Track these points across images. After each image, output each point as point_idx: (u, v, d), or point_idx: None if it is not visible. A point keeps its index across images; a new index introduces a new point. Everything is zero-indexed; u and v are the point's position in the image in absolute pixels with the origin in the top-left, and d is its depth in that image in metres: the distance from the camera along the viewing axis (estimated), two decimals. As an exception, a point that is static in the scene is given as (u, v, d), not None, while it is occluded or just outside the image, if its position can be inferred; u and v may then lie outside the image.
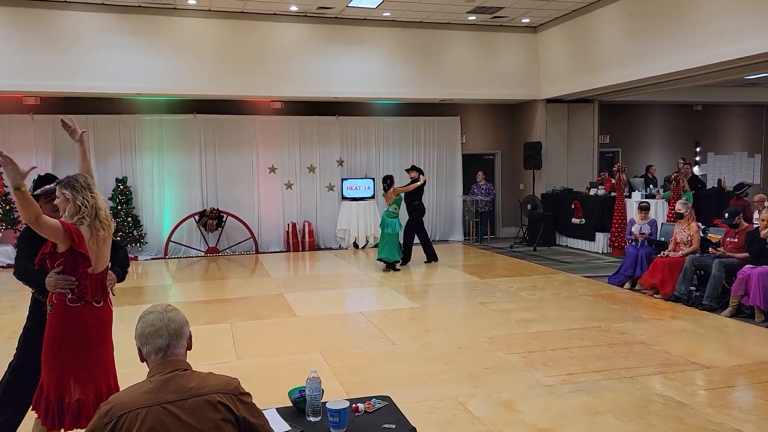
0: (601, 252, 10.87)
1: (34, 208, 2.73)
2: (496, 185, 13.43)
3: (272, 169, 11.99)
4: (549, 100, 12.38)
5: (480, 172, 12.80)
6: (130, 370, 4.89)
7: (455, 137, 13.06)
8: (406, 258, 10.04)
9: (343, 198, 12.22)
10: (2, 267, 10.05)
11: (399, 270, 9.51)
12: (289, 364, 5.07)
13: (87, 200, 2.97)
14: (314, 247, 12.14)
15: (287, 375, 4.74)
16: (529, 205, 12.00)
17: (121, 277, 3.33)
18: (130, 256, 11.00)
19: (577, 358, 5.01)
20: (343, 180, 12.25)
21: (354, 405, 2.40)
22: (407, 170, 10.38)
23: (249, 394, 1.97)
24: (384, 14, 10.94)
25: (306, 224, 12.17)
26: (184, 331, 2.00)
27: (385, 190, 9.78)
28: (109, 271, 3.14)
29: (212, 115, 11.54)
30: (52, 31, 9.72)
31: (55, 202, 3.06)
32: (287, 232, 12.07)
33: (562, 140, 12.61)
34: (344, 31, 11.19)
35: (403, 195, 9.90)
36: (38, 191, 3.24)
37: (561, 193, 12.06)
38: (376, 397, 2.55)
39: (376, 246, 12.21)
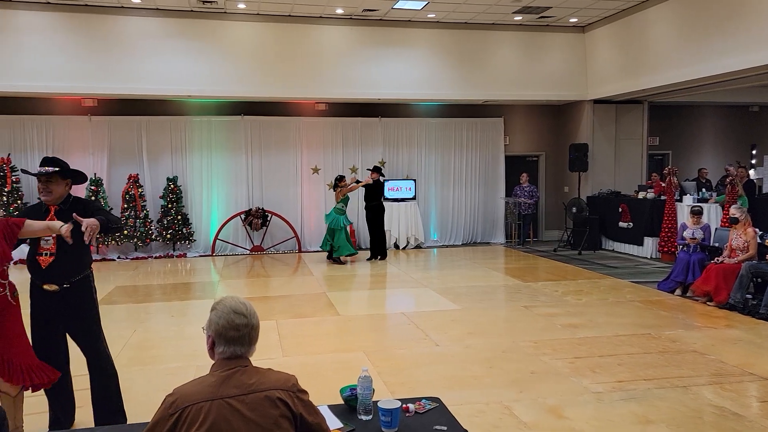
0: (649, 257, 10.60)
1: None
2: (539, 187, 13.25)
3: (315, 170, 12.13)
4: (596, 101, 12.14)
5: (524, 174, 12.65)
6: (180, 364, 5.07)
7: (498, 139, 12.94)
8: (381, 253, 10.75)
9: (385, 199, 12.24)
10: None
11: (344, 263, 10.32)
12: (333, 362, 5.13)
13: None
14: (355, 246, 12.20)
15: (332, 373, 4.80)
16: (574, 208, 11.80)
17: (104, 226, 3.30)
18: (179, 253, 11.35)
19: (626, 366, 4.91)
20: (384, 181, 12.28)
21: (404, 405, 2.41)
22: (369, 169, 10.88)
23: (306, 392, 2.00)
24: (429, 15, 10.93)
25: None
26: (258, 336, 2.04)
27: (335, 188, 10.56)
28: (91, 219, 3.20)
29: (258, 116, 11.76)
30: (109, 35, 10.08)
31: None
32: (331, 231, 12.17)
33: (609, 142, 12.35)
34: (388, 33, 11.24)
35: (349, 195, 10.52)
36: (36, 170, 3.49)
37: (608, 196, 11.81)
38: (426, 399, 2.56)
39: (417, 247, 12.27)
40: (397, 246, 12.22)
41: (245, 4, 10.10)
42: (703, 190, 10.79)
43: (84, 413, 3.79)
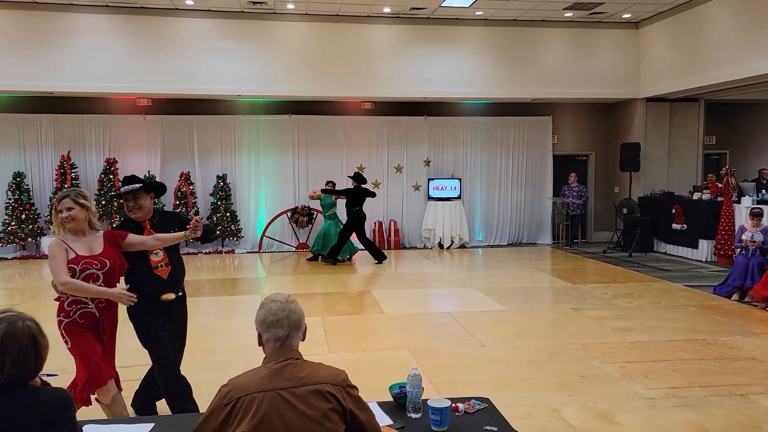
0: (704, 260, 10.22)
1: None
2: (589, 187, 12.95)
3: (361, 169, 12.18)
4: (650, 99, 11.78)
5: (572, 174, 12.39)
6: (229, 357, 5.18)
7: (546, 138, 12.72)
8: (336, 252, 10.32)
9: (429, 198, 12.23)
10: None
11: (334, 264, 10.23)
12: (378, 359, 5.14)
13: None
14: (399, 246, 12.24)
15: (377, 370, 4.82)
16: (624, 209, 11.48)
17: (205, 232, 3.65)
18: (228, 249, 11.61)
19: (680, 372, 4.75)
20: (429, 180, 12.25)
21: (454, 404, 2.40)
22: (349, 176, 10.58)
23: (356, 387, 2.02)
24: (476, 13, 10.83)
25: (392, 223, 12.29)
26: (302, 323, 2.08)
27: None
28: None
29: (305, 115, 11.90)
30: (163, 37, 10.39)
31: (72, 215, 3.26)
32: (373, 230, 12.22)
33: (662, 141, 11.97)
34: (435, 31, 11.19)
35: (333, 199, 10.49)
36: (122, 189, 3.56)
37: (661, 196, 11.45)
38: (476, 399, 2.54)
39: (462, 247, 12.20)
40: (441, 245, 12.17)
41: (294, 5, 10.24)
42: (764, 191, 10.32)
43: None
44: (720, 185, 10.01)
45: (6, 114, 10.97)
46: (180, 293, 3.74)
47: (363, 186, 10.25)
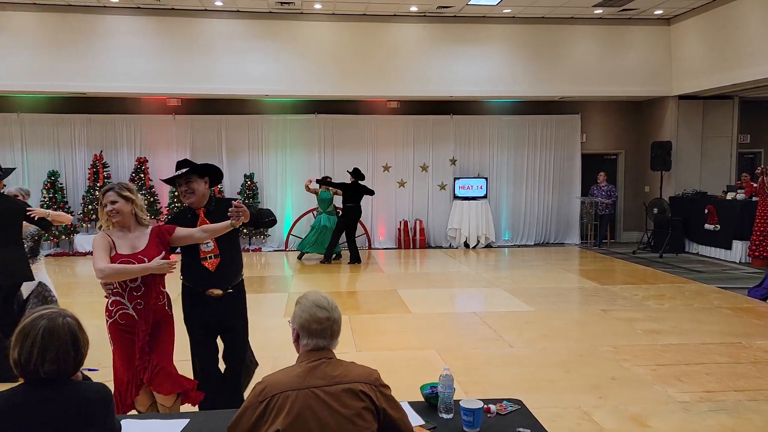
0: (738, 261, 9.98)
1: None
2: (618, 187, 12.75)
3: (386, 168, 12.20)
4: (681, 97, 11.55)
5: (601, 173, 12.21)
6: (257, 354, 5.21)
7: (575, 136, 12.56)
8: (330, 252, 10.28)
9: (455, 197, 12.18)
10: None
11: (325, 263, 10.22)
12: (405, 359, 5.14)
13: None
14: (425, 245, 12.22)
15: (404, 369, 4.81)
16: (655, 209, 11.27)
17: (254, 218, 3.45)
18: (255, 247, 11.72)
19: (714, 375, 4.65)
20: (455, 179, 12.20)
21: (486, 406, 2.38)
22: (348, 171, 10.46)
23: (389, 387, 2.02)
24: (504, 11, 10.75)
25: (417, 222, 12.27)
26: (340, 330, 2.09)
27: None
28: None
29: (332, 115, 11.95)
30: (193, 37, 10.53)
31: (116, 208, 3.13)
32: (399, 229, 12.23)
33: (695, 140, 11.73)
34: (462, 30, 11.13)
35: (331, 194, 10.46)
36: (178, 173, 3.43)
37: (693, 196, 11.21)
38: (508, 400, 2.52)
39: (487, 246, 12.12)
40: (467, 245, 12.11)
41: (321, 4, 10.28)
42: (801, 191, 10.03)
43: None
44: (755, 185, 9.76)
45: (41, 114, 11.25)
46: (230, 290, 3.48)
47: (360, 182, 10.24)
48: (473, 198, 12.06)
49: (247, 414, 1.92)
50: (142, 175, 11.19)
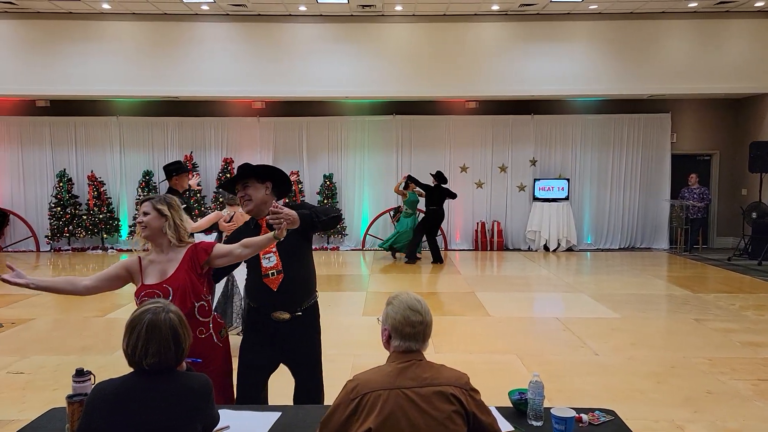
0: None
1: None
2: (711, 189, 12.03)
3: (464, 168, 12.11)
4: (785, 94, 10.75)
5: (693, 175, 11.55)
6: (337, 351, 5.32)
7: (664, 136, 11.96)
8: (413, 251, 10.34)
9: (535, 199, 11.90)
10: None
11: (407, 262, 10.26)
12: (485, 362, 5.08)
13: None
14: (502, 247, 12.03)
15: (485, 373, 4.76)
16: (754, 213, 10.54)
17: (306, 219, 2.85)
18: (332, 246, 11.96)
19: (825, 395, 4.30)
20: (535, 180, 11.93)
21: (577, 415, 2.32)
22: (432, 174, 10.40)
23: (478, 391, 2.01)
24: (590, 7, 10.40)
25: (495, 224, 12.09)
26: (431, 333, 2.10)
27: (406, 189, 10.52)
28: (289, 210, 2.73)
29: (409, 115, 12.00)
30: (277, 42, 10.88)
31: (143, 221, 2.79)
32: (476, 230, 12.10)
33: (800, 139, 10.88)
34: (545, 27, 10.86)
35: (411, 197, 10.40)
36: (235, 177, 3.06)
37: (796, 200, 10.40)
38: (600, 410, 2.44)
39: (569, 250, 11.77)
40: (546, 248, 11.81)
41: (402, 6, 10.34)
42: None
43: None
44: None
45: (137, 117, 11.99)
46: (299, 312, 2.94)
47: (443, 186, 10.19)
48: (554, 200, 11.75)
49: (339, 411, 1.96)
50: (228, 175, 11.68)
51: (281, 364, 3.07)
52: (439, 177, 10.22)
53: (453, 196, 10.31)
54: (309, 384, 3.06)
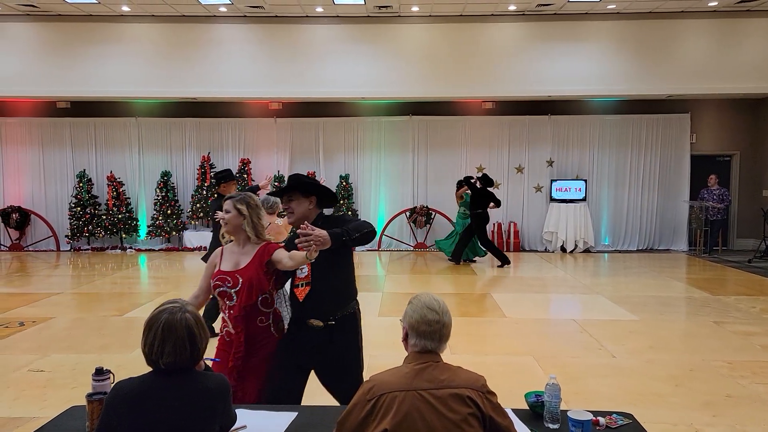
0: None
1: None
2: (731, 190, 11.86)
3: (480, 169, 12.06)
4: (808, 93, 10.57)
5: (712, 176, 11.40)
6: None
7: (683, 136, 11.82)
8: (459, 253, 10.28)
9: (552, 199, 11.83)
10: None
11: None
12: (501, 364, 5.06)
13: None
14: (519, 248, 11.96)
15: (500, 375, 4.73)
16: (775, 215, 10.38)
17: (337, 238, 2.77)
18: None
19: None
20: (552, 181, 11.85)
21: (594, 418, 2.30)
22: (477, 177, 10.35)
23: (495, 394, 2.00)
24: (608, 7, 10.31)
25: (511, 225, 12.04)
26: (450, 332, 2.10)
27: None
28: (320, 230, 2.69)
29: (426, 116, 11.99)
30: (294, 43, 10.93)
31: (225, 218, 3.00)
32: (492, 231, 12.04)
33: (824, 140, 10.69)
34: (562, 27, 10.79)
35: (467, 199, 10.24)
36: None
37: (820, 202, 10.22)
38: (618, 413, 2.42)
39: (586, 251, 11.67)
40: (563, 249, 11.72)
41: (419, 7, 10.33)
42: None
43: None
44: None
45: (156, 118, 12.12)
46: (331, 321, 2.95)
47: (488, 189, 10.09)
48: (571, 201, 11.66)
49: (356, 411, 1.97)
50: (245, 176, 11.76)
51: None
52: (485, 180, 10.15)
53: (497, 202, 10.06)
54: (338, 387, 3.03)
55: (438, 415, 1.89)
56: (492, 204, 10.02)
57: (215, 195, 5.88)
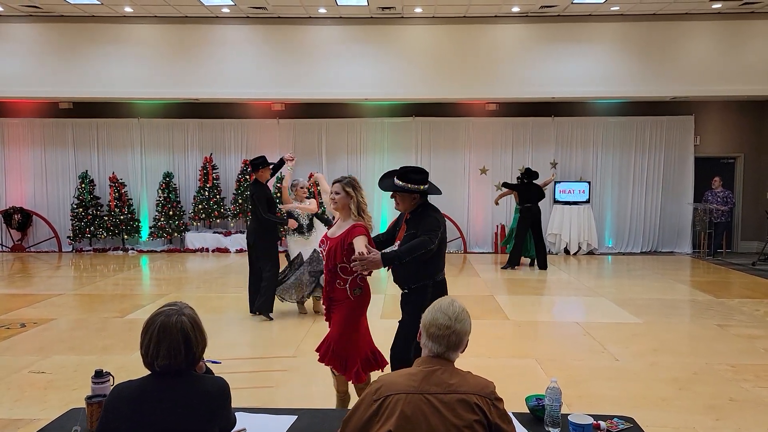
0: None
1: None
2: (736, 193, 11.83)
3: (483, 170, 12.05)
4: (812, 95, 10.51)
5: (716, 178, 11.36)
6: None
7: (687, 138, 11.78)
8: (515, 258, 10.09)
9: (555, 201, 11.79)
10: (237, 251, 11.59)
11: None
12: (504, 367, 5.03)
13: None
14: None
15: (503, 378, 4.68)
16: (780, 218, 10.34)
17: (388, 259, 3.38)
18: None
19: None
20: (555, 183, 11.81)
21: (595, 422, 2.28)
22: (520, 171, 10.49)
23: (502, 400, 1.98)
24: (612, 9, 10.28)
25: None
26: (463, 342, 2.08)
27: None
28: (373, 254, 3.34)
29: (429, 117, 11.97)
30: (297, 44, 10.93)
31: (335, 199, 3.58)
32: (495, 233, 12.02)
33: (828, 142, 10.64)
34: (566, 29, 10.77)
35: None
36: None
37: (825, 204, 10.17)
38: (619, 417, 2.40)
39: (590, 253, 11.64)
40: (567, 251, 11.69)
41: (422, 8, 10.32)
42: None
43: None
44: None
45: (158, 119, 12.14)
46: (406, 289, 3.56)
47: (533, 181, 9.95)
48: (575, 203, 11.63)
49: (361, 409, 1.96)
50: (247, 177, 11.75)
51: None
52: (529, 173, 10.00)
53: (542, 194, 9.98)
54: (397, 339, 3.57)
55: (443, 420, 1.88)
56: (539, 195, 9.92)
57: (250, 181, 6.60)
